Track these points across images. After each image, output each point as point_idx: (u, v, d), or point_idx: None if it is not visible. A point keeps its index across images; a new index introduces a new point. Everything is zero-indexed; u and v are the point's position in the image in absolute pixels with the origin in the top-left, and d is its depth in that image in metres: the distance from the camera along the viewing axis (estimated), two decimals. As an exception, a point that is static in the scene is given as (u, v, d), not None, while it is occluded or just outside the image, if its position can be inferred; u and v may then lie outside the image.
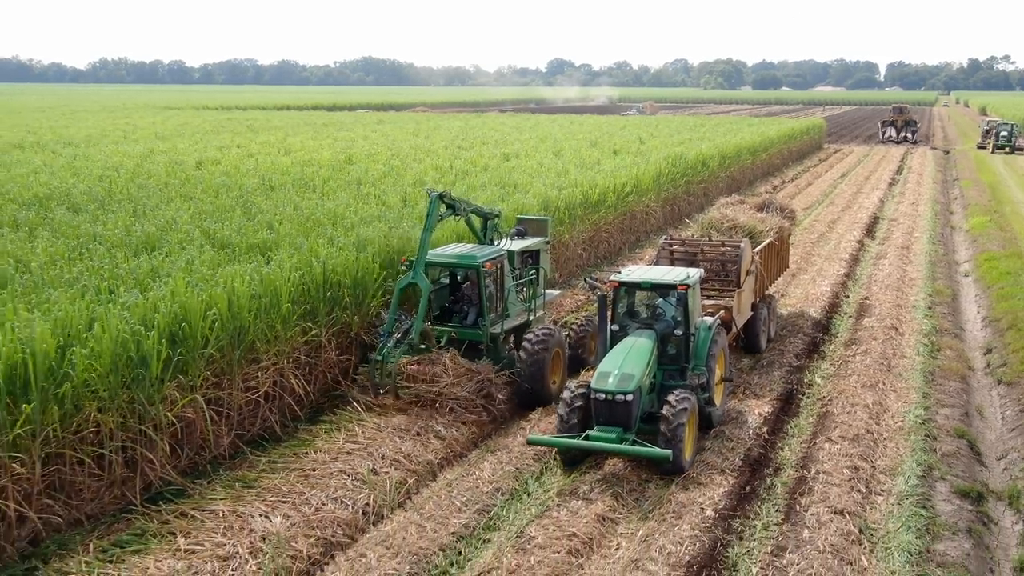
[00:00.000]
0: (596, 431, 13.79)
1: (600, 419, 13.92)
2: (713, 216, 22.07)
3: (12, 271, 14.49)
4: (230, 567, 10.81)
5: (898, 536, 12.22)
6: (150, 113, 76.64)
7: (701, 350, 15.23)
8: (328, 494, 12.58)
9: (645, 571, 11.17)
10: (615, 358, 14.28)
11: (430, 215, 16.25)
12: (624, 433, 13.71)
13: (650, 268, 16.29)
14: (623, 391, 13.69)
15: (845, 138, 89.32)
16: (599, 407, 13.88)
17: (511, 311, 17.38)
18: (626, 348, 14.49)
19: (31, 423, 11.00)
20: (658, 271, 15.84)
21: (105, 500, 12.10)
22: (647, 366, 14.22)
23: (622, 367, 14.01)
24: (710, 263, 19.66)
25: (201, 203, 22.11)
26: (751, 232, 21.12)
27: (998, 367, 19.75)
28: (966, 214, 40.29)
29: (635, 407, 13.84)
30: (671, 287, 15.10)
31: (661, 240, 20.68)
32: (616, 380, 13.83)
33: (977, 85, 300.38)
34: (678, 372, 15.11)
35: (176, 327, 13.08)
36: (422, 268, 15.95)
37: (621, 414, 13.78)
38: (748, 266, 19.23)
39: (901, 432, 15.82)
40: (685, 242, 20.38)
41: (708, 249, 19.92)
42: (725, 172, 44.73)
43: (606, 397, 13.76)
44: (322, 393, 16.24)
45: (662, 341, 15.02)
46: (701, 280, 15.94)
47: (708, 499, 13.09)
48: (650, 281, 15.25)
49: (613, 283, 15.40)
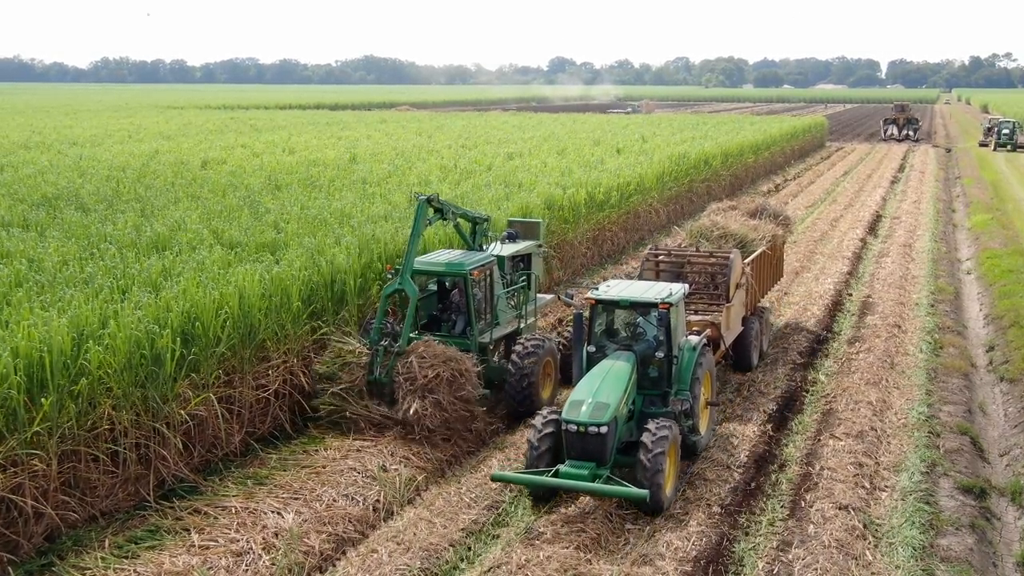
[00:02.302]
0: (567, 466, 12.58)
1: (572, 452, 12.69)
2: (703, 223, 20.78)
3: (25, 271, 14.66)
4: (244, 562, 10.98)
5: (902, 531, 12.39)
6: (153, 112, 76.80)
7: (685, 373, 14.12)
8: (339, 490, 12.75)
9: (653, 566, 11.33)
10: (589, 384, 13.13)
11: (417, 220, 15.59)
12: (598, 468, 12.53)
13: (631, 283, 15.07)
14: (596, 422, 12.47)
15: (847, 136, 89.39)
16: (570, 440, 12.66)
17: (501, 319, 16.83)
18: (602, 372, 13.32)
19: (48, 420, 11.17)
20: (639, 287, 14.62)
21: (119, 497, 12.27)
22: (624, 392, 13.07)
23: (596, 395, 12.83)
24: (697, 275, 18.68)
25: (208, 203, 22.27)
26: (743, 241, 19.90)
27: (1000, 364, 19.89)
28: (968, 212, 40.40)
29: (610, 440, 12.61)
30: (651, 305, 13.88)
31: (645, 250, 19.53)
32: (589, 410, 12.62)
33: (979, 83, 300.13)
34: (660, 397, 13.96)
35: (188, 326, 13.25)
36: (409, 274, 15.34)
37: (594, 447, 12.56)
38: (738, 278, 18.11)
39: (904, 429, 15.97)
40: (671, 252, 19.26)
41: (695, 260, 18.81)
42: (728, 171, 44.87)
43: (578, 429, 12.53)
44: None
45: (642, 363, 13.89)
46: (686, 296, 15.01)
47: (714, 495, 13.26)
48: (629, 299, 14.00)
49: (589, 300, 14.18)
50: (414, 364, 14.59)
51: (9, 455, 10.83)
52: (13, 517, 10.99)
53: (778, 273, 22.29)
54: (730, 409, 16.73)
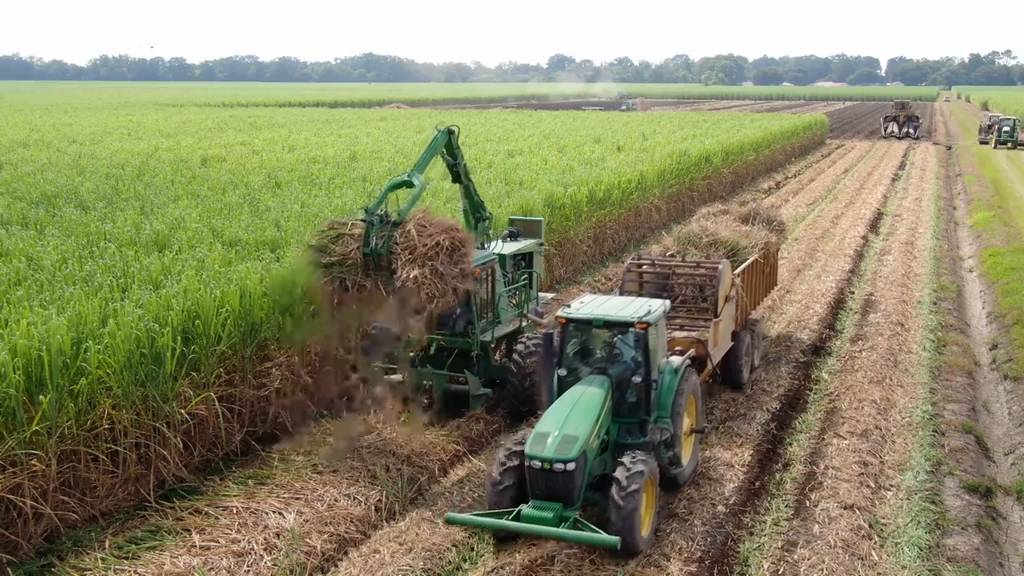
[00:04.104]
0: (530, 507, 11.27)
1: (536, 491, 11.37)
2: (691, 229, 19.33)
3: (25, 269, 14.56)
4: (245, 563, 10.89)
5: (908, 531, 12.30)
6: (152, 110, 76.70)
7: (666, 398, 12.79)
8: (341, 491, 12.66)
9: (658, 566, 11.25)
10: (557, 413, 11.80)
11: (434, 143, 15.25)
12: (564, 510, 11.20)
13: (607, 299, 13.54)
14: (563, 459, 11.16)
15: (847, 134, 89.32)
16: (534, 477, 11.34)
17: (502, 317, 16.66)
18: (572, 400, 11.97)
19: (47, 420, 11.08)
20: (616, 304, 13.22)
21: (119, 497, 12.18)
22: (596, 423, 11.73)
23: (564, 426, 11.47)
24: (684, 288, 17.60)
25: (208, 201, 22.17)
26: (734, 248, 18.59)
27: (1004, 362, 19.81)
28: (969, 210, 40.33)
29: (578, 478, 11.30)
30: (628, 325, 12.54)
31: (627, 260, 18.21)
32: (555, 444, 11.29)
33: (979, 80, 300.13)
34: (638, 426, 12.58)
35: (189, 324, 13.15)
36: (421, 171, 14.75)
37: (561, 486, 11.24)
38: (727, 291, 16.71)
39: (909, 427, 15.89)
40: (655, 262, 17.95)
41: (681, 271, 17.61)
42: (729, 168, 44.79)
43: (543, 465, 11.22)
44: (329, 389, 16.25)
45: (619, 388, 12.52)
46: (668, 312, 13.67)
47: (719, 495, 13.17)
48: (603, 318, 12.59)
49: (560, 319, 12.80)
50: (412, 232, 13.72)
51: (8, 455, 10.74)
52: (12, 517, 10.90)
53: (771, 282, 21.10)
54: (733, 408, 16.64)
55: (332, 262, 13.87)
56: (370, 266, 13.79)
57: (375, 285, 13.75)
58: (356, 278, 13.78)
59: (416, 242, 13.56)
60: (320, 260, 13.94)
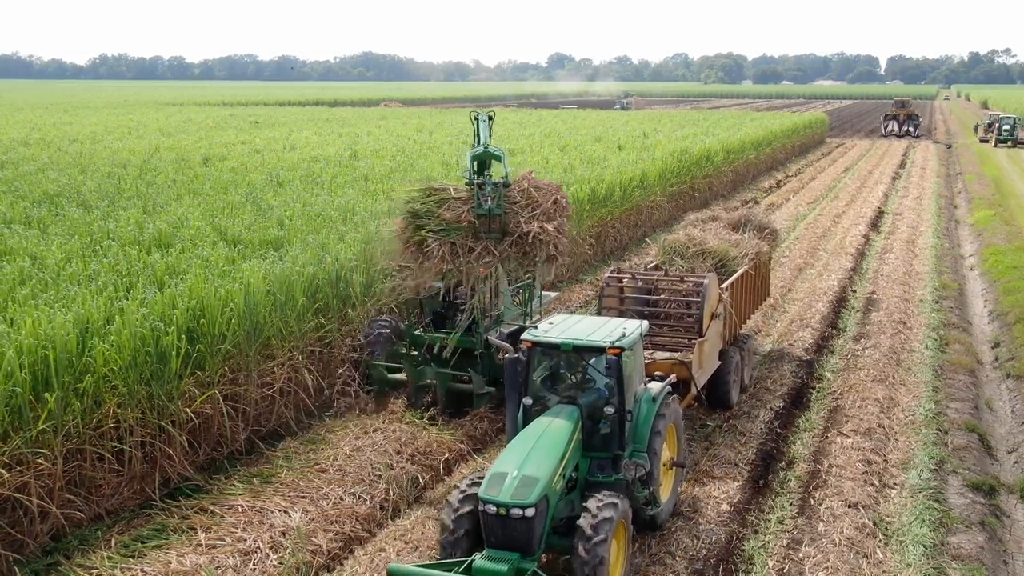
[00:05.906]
0: (483, 558, 9.82)
1: (491, 539, 9.94)
2: (677, 238, 18.12)
3: (29, 268, 14.57)
4: (251, 562, 10.90)
5: (912, 529, 12.32)
6: (152, 109, 76.69)
7: (642, 429, 11.40)
8: (345, 489, 12.66)
9: (663, 565, 11.27)
10: (518, 450, 10.45)
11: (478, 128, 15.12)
12: (522, 561, 9.79)
13: (578, 320, 12.19)
14: (521, 503, 9.76)
15: (847, 132, 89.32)
16: (489, 523, 9.91)
17: (506, 316, 16.49)
18: (536, 434, 10.65)
19: (53, 418, 11.09)
20: (586, 325, 11.81)
21: (125, 495, 12.19)
22: (561, 461, 10.40)
23: (524, 466, 10.12)
24: (666, 304, 16.53)
25: (210, 200, 22.18)
26: (722, 259, 17.48)
27: (1006, 361, 19.83)
28: (970, 208, 40.34)
29: (538, 525, 9.90)
30: (599, 350, 11.23)
31: (606, 274, 16.91)
32: (513, 486, 9.92)
33: (978, 79, 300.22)
34: (610, 462, 11.22)
35: (194, 323, 13.16)
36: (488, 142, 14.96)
37: (518, 535, 9.83)
38: (714, 307, 15.48)
39: (912, 426, 15.91)
40: (636, 276, 16.82)
41: (664, 286, 16.56)
42: (730, 166, 44.81)
43: (498, 511, 9.81)
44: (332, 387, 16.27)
45: (590, 418, 11.19)
46: (646, 334, 12.31)
47: (723, 493, 13.19)
48: (572, 342, 11.22)
49: (526, 342, 11.45)
50: (531, 191, 14.05)
51: (14, 453, 10.75)
52: (18, 516, 10.91)
53: (763, 294, 19.95)
54: (737, 407, 16.65)
55: (441, 227, 14.28)
56: (482, 228, 14.26)
57: (485, 247, 14.23)
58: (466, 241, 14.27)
59: (539, 198, 14.04)
60: (426, 225, 14.33)
